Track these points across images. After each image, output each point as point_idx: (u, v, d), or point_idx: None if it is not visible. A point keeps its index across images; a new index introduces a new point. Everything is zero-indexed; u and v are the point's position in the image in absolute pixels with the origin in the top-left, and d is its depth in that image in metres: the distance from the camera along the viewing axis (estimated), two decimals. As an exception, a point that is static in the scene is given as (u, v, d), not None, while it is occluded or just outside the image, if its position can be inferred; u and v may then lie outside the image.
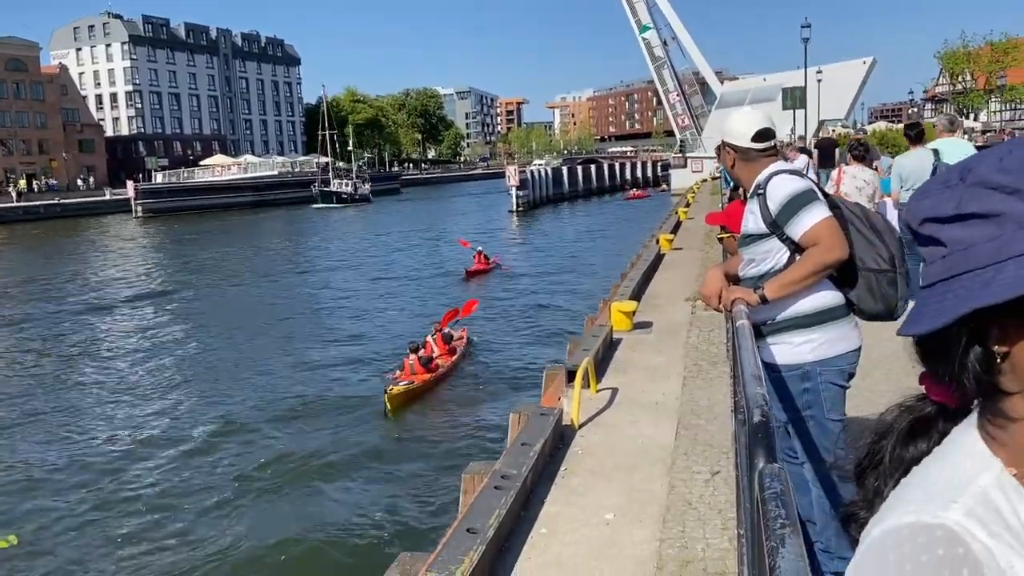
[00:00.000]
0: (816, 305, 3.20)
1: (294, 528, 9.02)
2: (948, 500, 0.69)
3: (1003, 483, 0.71)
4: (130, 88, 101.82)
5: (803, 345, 3.21)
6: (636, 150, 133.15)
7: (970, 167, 0.75)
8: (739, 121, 3.43)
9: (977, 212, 0.71)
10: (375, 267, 32.48)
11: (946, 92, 79.69)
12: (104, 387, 15.51)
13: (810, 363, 3.21)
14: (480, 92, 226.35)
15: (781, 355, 3.25)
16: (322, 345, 18.32)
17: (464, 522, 4.17)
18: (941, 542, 0.66)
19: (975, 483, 0.71)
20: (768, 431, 1.82)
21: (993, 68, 69.96)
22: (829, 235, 3.08)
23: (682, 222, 22.15)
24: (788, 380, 3.23)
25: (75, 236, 52.26)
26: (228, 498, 9.95)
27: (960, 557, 0.64)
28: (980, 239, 0.71)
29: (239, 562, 8.37)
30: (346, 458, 11.13)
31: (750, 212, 3.35)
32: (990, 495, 0.69)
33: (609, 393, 6.66)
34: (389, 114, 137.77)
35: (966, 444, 0.75)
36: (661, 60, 72.55)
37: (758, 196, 3.28)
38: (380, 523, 9.07)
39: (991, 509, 0.68)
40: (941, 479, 0.73)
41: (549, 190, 68.42)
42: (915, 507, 0.70)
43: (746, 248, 3.39)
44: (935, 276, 0.74)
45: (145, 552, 8.66)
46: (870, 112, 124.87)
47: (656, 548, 4.10)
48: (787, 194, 3.18)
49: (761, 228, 3.26)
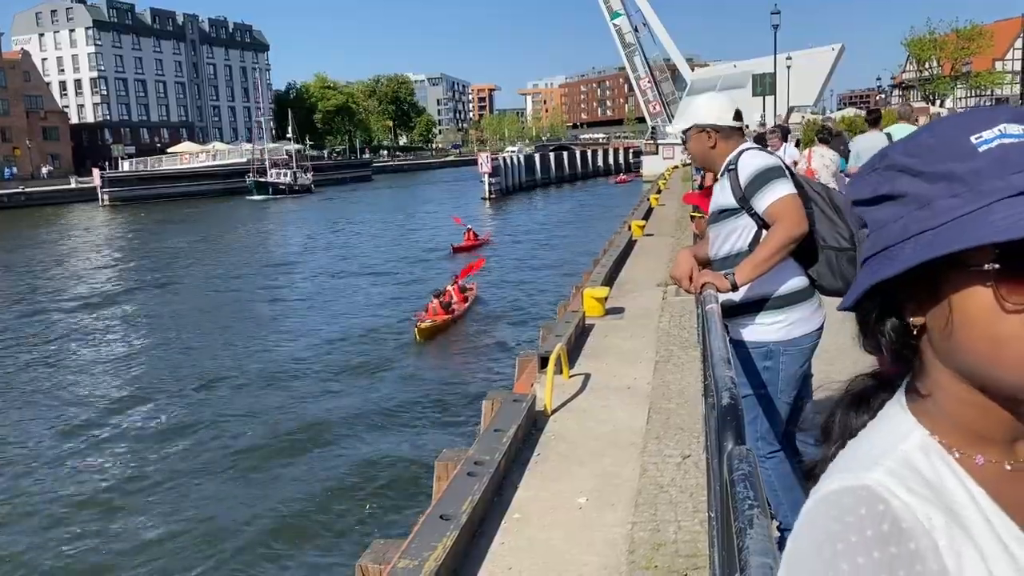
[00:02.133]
0: (787, 288, 3.29)
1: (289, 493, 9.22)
2: (871, 463, 0.73)
3: (926, 446, 0.75)
4: (95, 74, 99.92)
5: (772, 325, 3.31)
6: (608, 137, 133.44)
7: (885, 151, 0.80)
8: (715, 103, 3.48)
9: (887, 194, 0.77)
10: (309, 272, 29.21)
11: (913, 79, 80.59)
12: (106, 367, 15.34)
13: (774, 342, 3.31)
14: (452, 78, 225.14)
15: (749, 333, 3.35)
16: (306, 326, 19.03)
17: (437, 508, 4.17)
18: (863, 501, 0.70)
19: (898, 448, 0.75)
20: (737, 414, 1.84)
21: (959, 55, 70.83)
22: (793, 210, 3.15)
23: (654, 208, 22.24)
24: (753, 356, 3.35)
25: (40, 225, 51.30)
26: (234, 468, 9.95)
27: (880, 513, 0.68)
28: (890, 219, 0.76)
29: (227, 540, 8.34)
30: (383, 376, 14.36)
31: (720, 189, 3.42)
32: (911, 457, 0.74)
33: (582, 379, 6.69)
34: (359, 101, 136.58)
35: (895, 414, 0.79)
36: (632, 47, 72.73)
37: (729, 172, 3.34)
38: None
39: (911, 469, 0.72)
40: (868, 446, 0.78)
41: (522, 177, 68.36)
42: (842, 473, 0.74)
43: (716, 225, 3.44)
44: (864, 255, 0.80)
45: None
46: (839, 98, 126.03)
47: (628, 531, 4.13)
48: (756, 168, 3.25)
49: (731, 203, 3.32)
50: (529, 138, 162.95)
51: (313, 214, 55.85)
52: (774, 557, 1.18)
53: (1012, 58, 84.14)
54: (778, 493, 3.35)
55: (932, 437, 0.76)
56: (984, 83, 75.78)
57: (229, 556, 8.25)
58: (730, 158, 3.37)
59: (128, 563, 8.18)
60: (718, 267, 3.40)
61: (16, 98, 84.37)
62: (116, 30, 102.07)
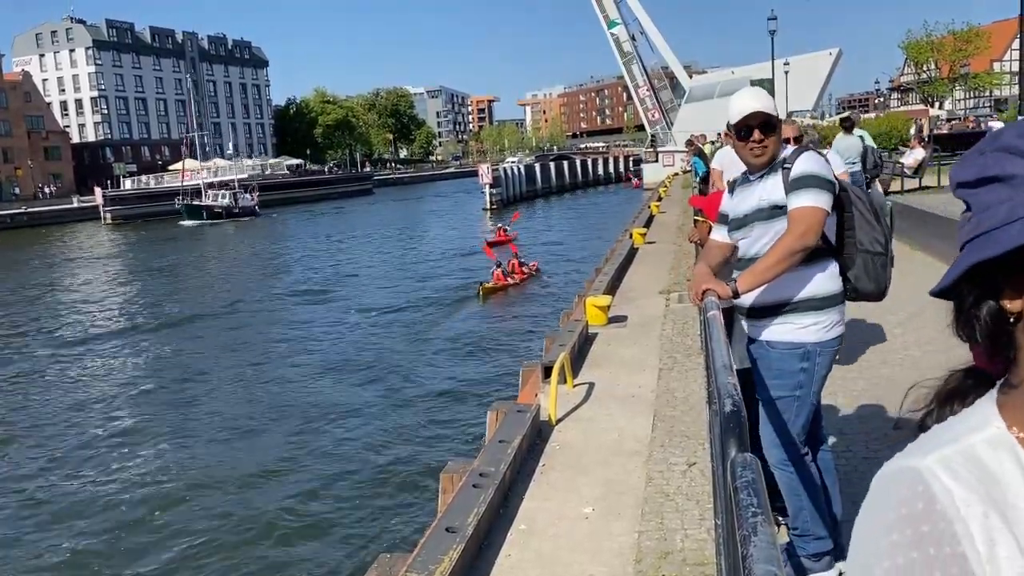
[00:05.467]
0: (826, 290, 3.26)
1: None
2: (931, 449, 0.75)
3: (997, 439, 0.75)
4: (95, 94, 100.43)
5: (811, 327, 3.26)
6: (608, 145, 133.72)
7: (997, 134, 0.78)
8: (765, 94, 3.35)
9: (997, 175, 0.75)
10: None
11: (912, 81, 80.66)
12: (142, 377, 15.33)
13: (812, 343, 3.26)
14: (451, 91, 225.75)
15: (783, 333, 3.29)
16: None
17: (443, 521, 4.16)
18: (906, 482, 0.73)
19: (966, 439, 0.75)
20: (740, 420, 1.83)
21: (956, 57, 70.86)
22: (811, 222, 3.11)
23: (655, 216, 22.24)
24: (786, 358, 3.29)
25: (43, 245, 51.43)
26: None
27: (918, 494, 0.71)
28: (996, 201, 0.75)
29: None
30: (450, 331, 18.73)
31: (769, 185, 3.29)
32: (976, 449, 0.74)
33: (585, 388, 6.68)
34: (359, 114, 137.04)
35: (981, 406, 0.79)
36: (630, 55, 72.80)
37: (784, 170, 3.24)
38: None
39: (971, 459, 0.73)
40: (940, 434, 0.78)
41: (523, 187, 68.43)
42: (904, 455, 0.76)
43: (757, 223, 3.32)
44: (964, 238, 0.78)
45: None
46: (838, 102, 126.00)
47: (635, 540, 4.11)
48: (808, 169, 3.18)
49: (782, 199, 3.22)
50: (529, 148, 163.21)
51: (243, 243, 48.36)
52: (779, 565, 1.18)
53: (1010, 59, 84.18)
54: (801, 497, 3.32)
55: (1011, 431, 0.75)
56: (983, 84, 75.82)
57: (230, 569, 8.25)
58: (786, 155, 3.30)
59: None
60: (745, 265, 3.34)
61: (18, 119, 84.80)
62: (116, 49, 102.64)
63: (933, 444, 0.77)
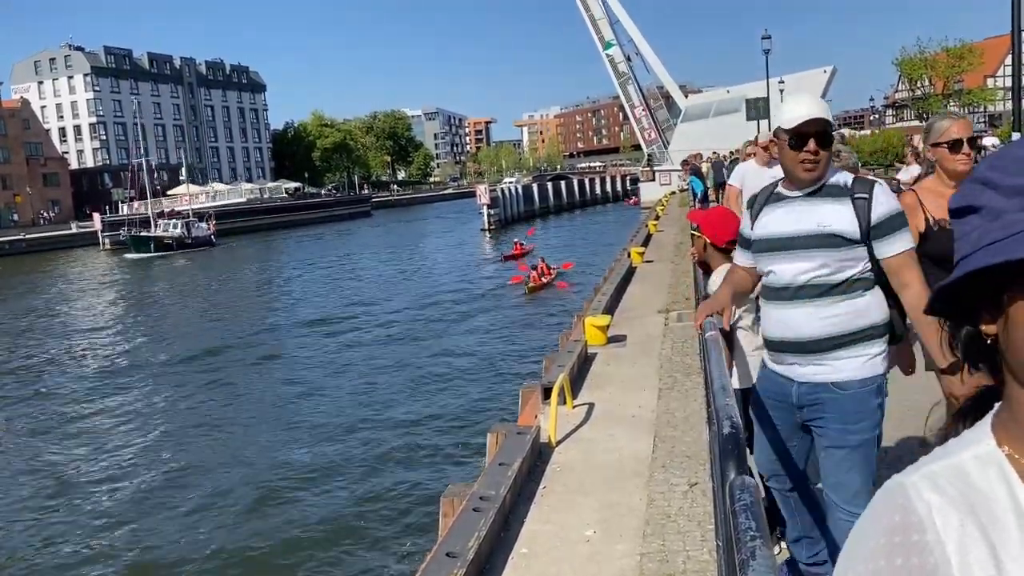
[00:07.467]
0: (885, 315, 2.98)
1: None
2: (922, 465, 0.78)
3: (987, 456, 0.77)
4: (94, 120, 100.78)
5: (879, 356, 2.95)
6: (605, 165, 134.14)
7: (978, 164, 0.83)
8: (823, 101, 3.08)
9: (971, 205, 0.79)
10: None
11: (906, 98, 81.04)
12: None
13: (883, 374, 2.98)
14: (448, 112, 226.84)
15: (855, 369, 2.91)
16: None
17: (443, 546, 4.14)
18: (890, 495, 0.76)
19: (958, 455, 0.78)
20: (738, 442, 1.83)
21: (950, 73, 71.27)
22: (917, 269, 2.89)
23: (652, 235, 22.27)
24: (862, 396, 2.92)
25: (42, 271, 51.45)
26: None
27: (898, 507, 0.74)
28: (970, 230, 0.78)
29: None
30: (450, 352, 19.12)
31: (830, 211, 2.90)
32: (965, 465, 0.77)
33: (585, 408, 6.66)
34: (357, 137, 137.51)
35: (981, 425, 0.82)
36: (625, 76, 73.30)
37: (857, 200, 2.88)
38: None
39: (958, 475, 0.76)
40: (941, 452, 0.81)
41: (520, 207, 68.67)
42: (899, 473, 0.79)
43: (821, 250, 2.90)
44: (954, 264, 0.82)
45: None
46: (833, 119, 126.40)
47: (637, 562, 4.09)
48: (899, 207, 2.92)
49: (850, 231, 2.86)
50: (526, 169, 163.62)
51: (187, 279, 43.22)
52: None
53: (1003, 74, 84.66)
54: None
55: (1001, 448, 0.77)
56: (977, 100, 76.16)
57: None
58: (841, 179, 2.95)
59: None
60: (811, 294, 2.93)
61: (16, 146, 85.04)
62: (114, 75, 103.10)
63: (927, 461, 0.79)
